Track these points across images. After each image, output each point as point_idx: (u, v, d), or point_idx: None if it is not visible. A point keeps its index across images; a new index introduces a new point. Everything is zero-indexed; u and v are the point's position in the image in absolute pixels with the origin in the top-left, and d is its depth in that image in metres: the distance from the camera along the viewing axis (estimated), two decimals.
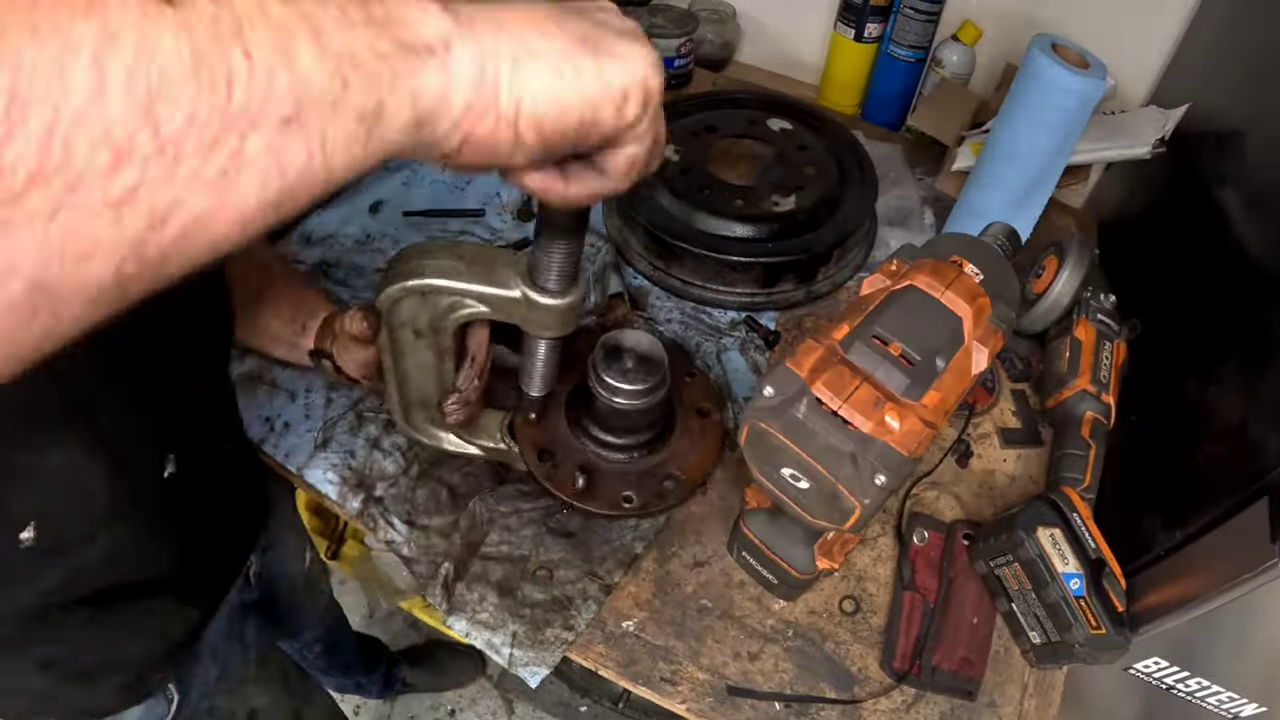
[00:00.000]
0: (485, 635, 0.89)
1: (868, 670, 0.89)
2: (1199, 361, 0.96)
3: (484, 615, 0.90)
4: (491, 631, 0.89)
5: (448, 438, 1.00)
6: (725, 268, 1.17)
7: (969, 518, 1.01)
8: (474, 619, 0.90)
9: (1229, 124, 1.10)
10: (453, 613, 0.91)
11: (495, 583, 0.92)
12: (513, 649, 0.88)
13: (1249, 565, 0.69)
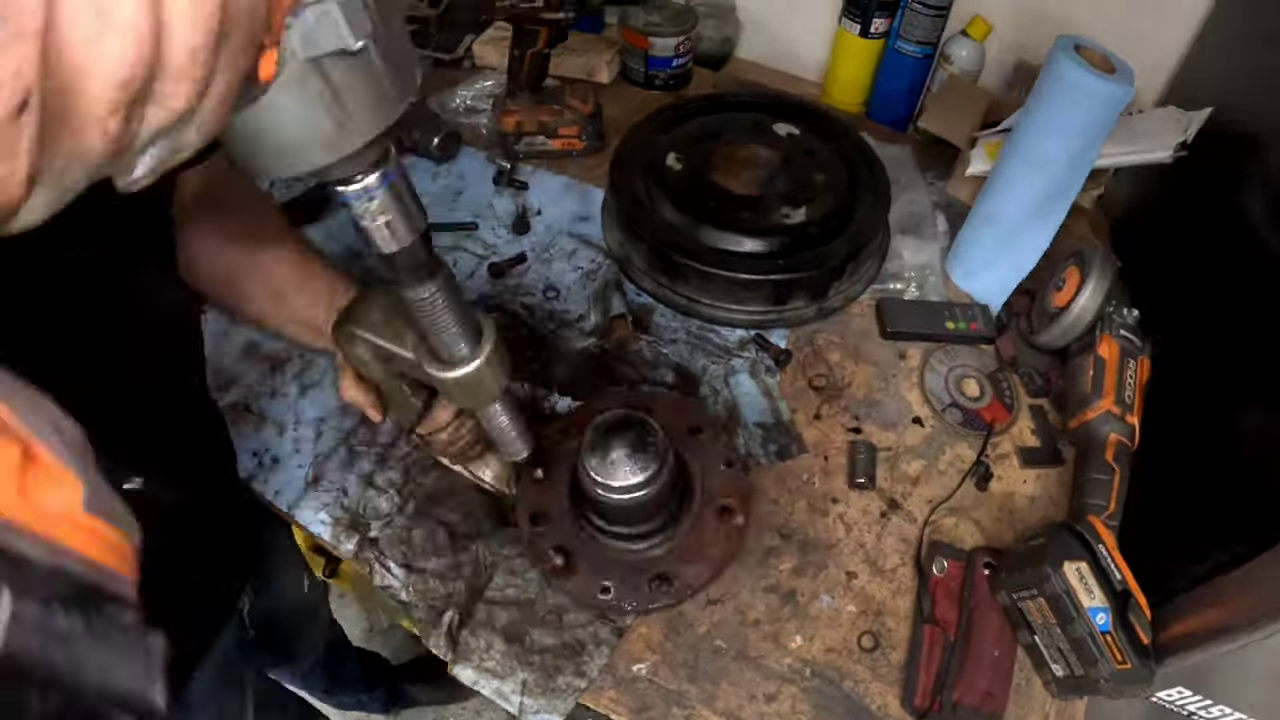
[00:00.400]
0: (494, 684, 0.87)
1: (888, 709, 0.87)
2: (1226, 378, 0.94)
3: (491, 663, 0.87)
4: (500, 680, 0.87)
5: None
6: (734, 285, 1.13)
7: (989, 543, 0.98)
8: (481, 667, 0.87)
9: (1248, 126, 1.07)
10: (458, 661, 0.88)
11: (501, 629, 0.89)
12: (523, 697, 0.86)
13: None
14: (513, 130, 1.39)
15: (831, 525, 0.98)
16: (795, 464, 1.03)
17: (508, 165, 1.40)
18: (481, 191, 1.37)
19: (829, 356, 1.15)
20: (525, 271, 1.25)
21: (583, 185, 1.39)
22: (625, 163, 1.24)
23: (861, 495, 1.01)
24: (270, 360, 1.12)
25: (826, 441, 1.05)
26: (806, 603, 0.93)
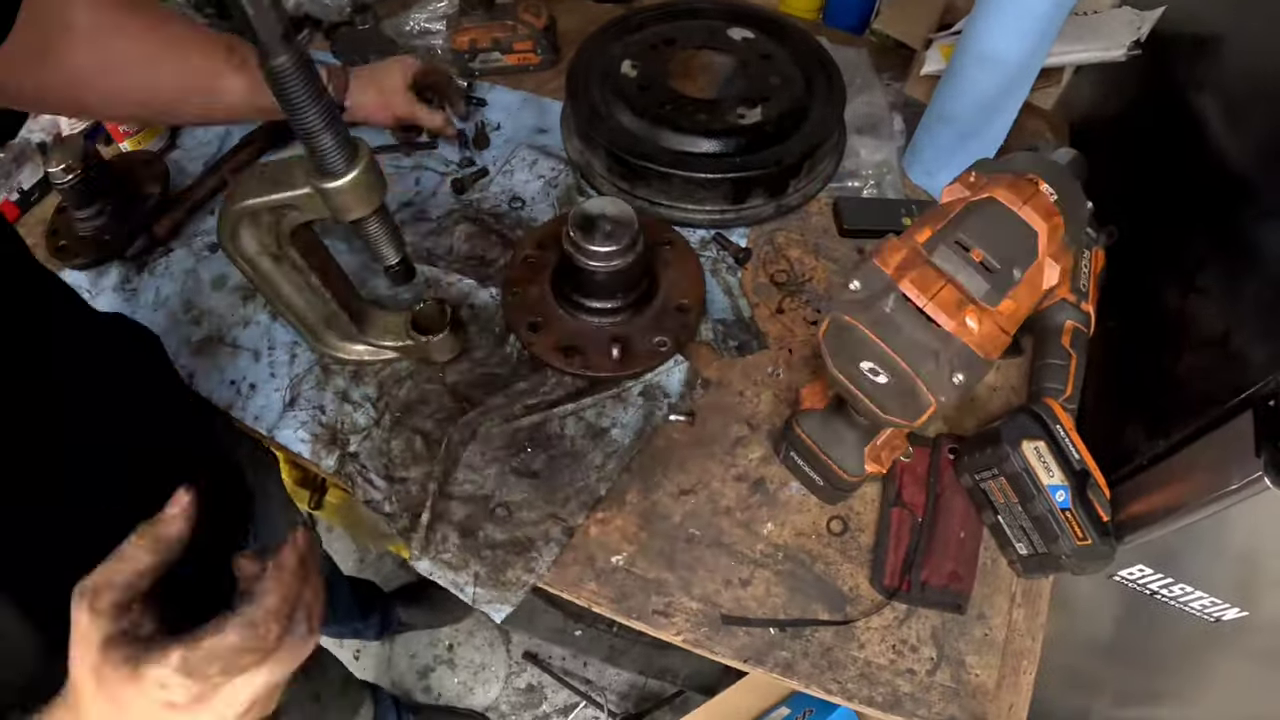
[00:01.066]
0: (449, 575, 0.89)
1: (859, 589, 0.90)
2: (1179, 270, 0.95)
3: (447, 555, 0.90)
4: (455, 571, 0.89)
5: (359, 349, 1.03)
6: (692, 185, 1.13)
7: (952, 431, 1.00)
8: (437, 558, 0.90)
9: (1206, 27, 1.07)
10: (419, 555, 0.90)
11: (458, 523, 0.92)
12: (475, 588, 0.88)
13: (1234, 477, 0.69)
14: (467, 49, 1.37)
15: None
16: (760, 357, 1.05)
17: (464, 83, 1.39)
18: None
19: (789, 253, 1.16)
20: (489, 185, 1.25)
21: (540, 98, 1.39)
22: (581, 72, 1.23)
23: None
24: (241, 291, 1.12)
25: (789, 335, 1.07)
26: (776, 490, 0.95)
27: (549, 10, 1.42)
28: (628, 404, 1.00)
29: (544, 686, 2.08)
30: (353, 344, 1.03)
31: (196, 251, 1.15)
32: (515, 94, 1.39)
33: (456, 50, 1.38)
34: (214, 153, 1.30)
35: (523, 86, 1.41)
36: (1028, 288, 0.63)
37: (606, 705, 2.02)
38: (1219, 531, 0.77)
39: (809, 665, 0.86)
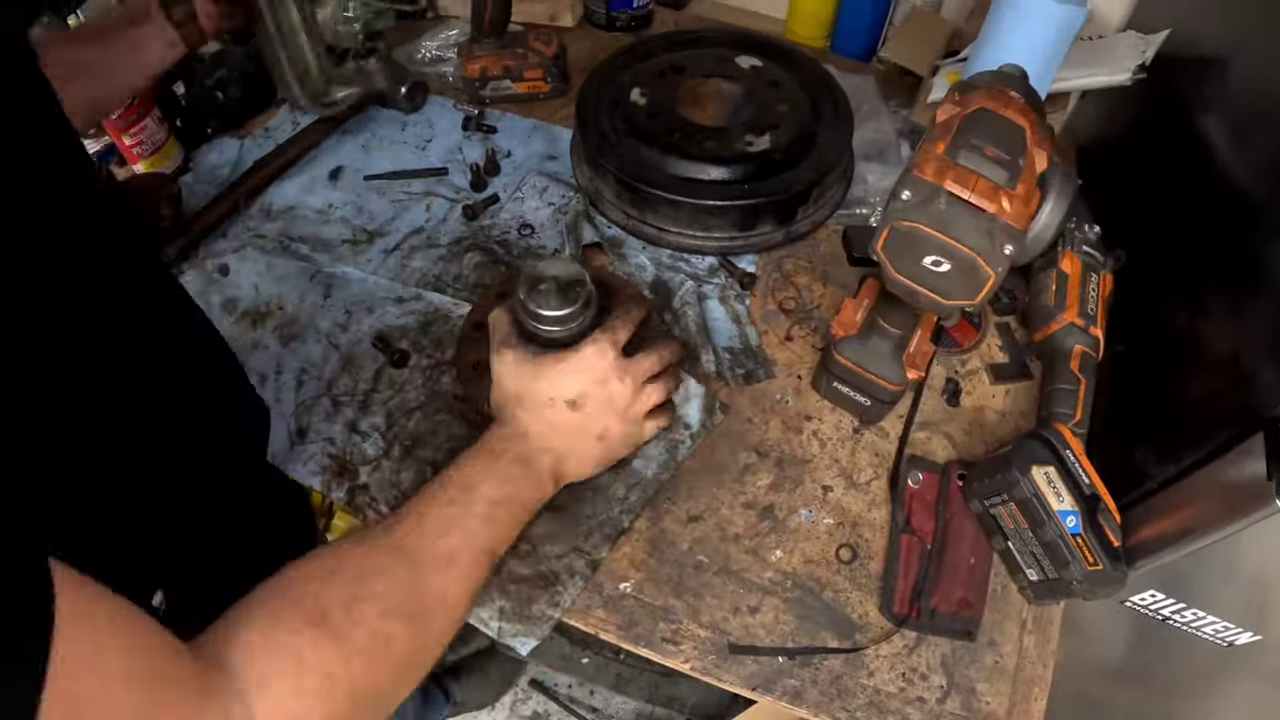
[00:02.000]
0: (473, 610, 0.88)
1: (868, 617, 0.89)
2: (1187, 292, 0.95)
3: None
4: (479, 606, 0.88)
5: (345, 92, 1.23)
6: (701, 212, 1.14)
7: (962, 457, 1.00)
8: None
9: (1210, 49, 1.08)
10: None
11: None
12: (500, 622, 0.88)
13: (1246, 501, 0.69)
14: (478, 76, 1.39)
15: (806, 442, 1.01)
16: (769, 384, 1.05)
17: (475, 111, 1.40)
18: (451, 138, 1.37)
19: (797, 280, 1.16)
20: (499, 211, 1.25)
21: (550, 126, 1.39)
22: (591, 100, 1.24)
23: (834, 412, 1.03)
24: (250, 315, 1.12)
25: (798, 362, 1.07)
26: (784, 517, 0.95)
27: (559, 39, 1.43)
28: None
29: (550, 714, 2.07)
30: (339, 90, 1.21)
31: (208, 274, 1.16)
32: (525, 121, 1.40)
33: (468, 78, 1.39)
34: (227, 176, 1.31)
35: (533, 114, 1.42)
36: (1028, 172, 0.73)
37: None
38: (1231, 555, 0.76)
39: (818, 693, 0.85)
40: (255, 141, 1.37)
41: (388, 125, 1.40)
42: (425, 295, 1.13)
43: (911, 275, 0.77)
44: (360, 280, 1.15)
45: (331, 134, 1.36)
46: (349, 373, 1.06)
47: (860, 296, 0.98)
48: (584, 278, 0.88)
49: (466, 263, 1.17)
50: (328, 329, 1.10)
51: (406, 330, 1.09)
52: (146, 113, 1.22)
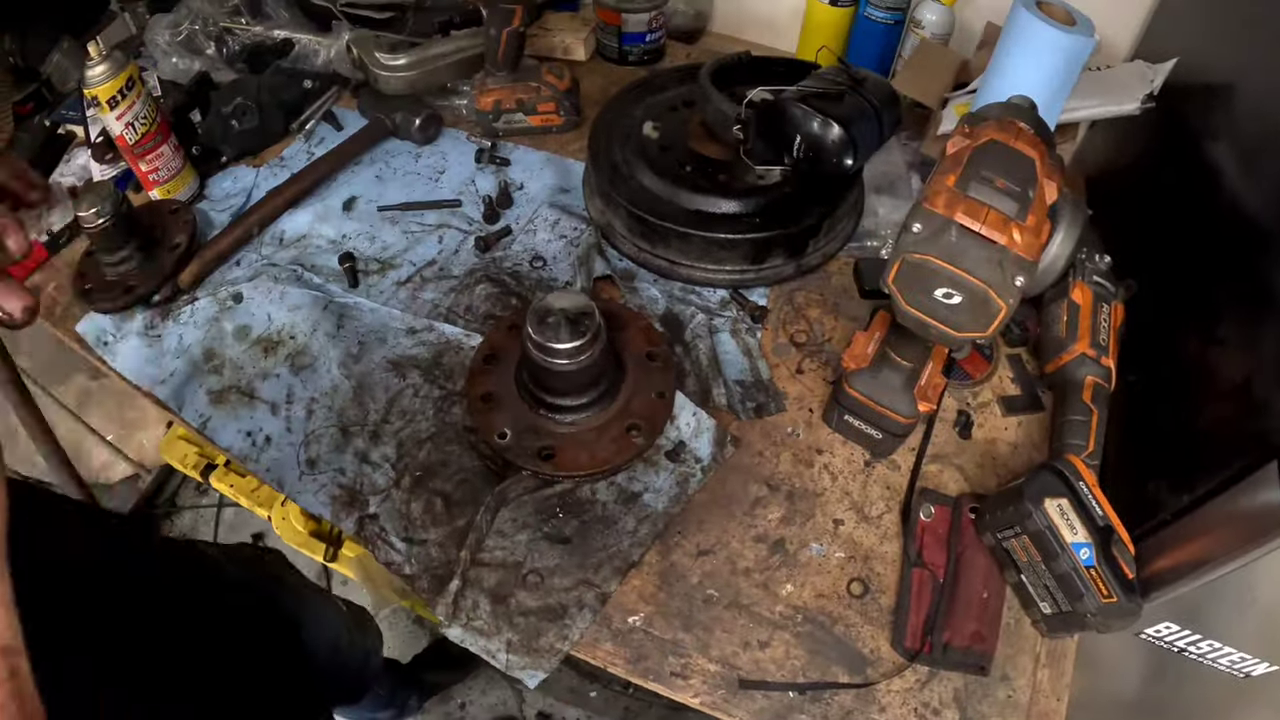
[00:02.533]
0: (480, 641, 0.88)
1: (880, 651, 0.89)
2: (1198, 321, 0.95)
3: (478, 622, 0.89)
4: (486, 638, 0.88)
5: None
6: (712, 245, 1.14)
7: (974, 490, 0.99)
8: (469, 626, 0.89)
9: (1217, 76, 1.08)
10: (448, 621, 0.89)
11: (489, 589, 0.91)
12: (508, 655, 0.87)
13: (1260, 530, 0.68)
14: (491, 109, 1.40)
15: (817, 475, 1.00)
16: (780, 417, 1.05)
17: (488, 143, 1.41)
18: (464, 170, 1.38)
19: (808, 313, 1.16)
20: (511, 243, 1.26)
21: (562, 159, 1.41)
22: (603, 133, 1.25)
23: (845, 445, 1.03)
24: (263, 343, 1.13)
25: (809, 395, 1.07)
26: (795, 551, 0.94)
27: (572, 72, 1.45)
28: (659, 468, 1.00)
29: None
30: None
31: (221, 301, 1.17)
32: (538, 154, 1.42)
33: (481, 111, 1.40)
34: (241, 204, 1.32)
35: (545, 147, 1.43)
36: (1039, 203, 0.74)
37: None
38: (1246, 585, 0.76)
39: None
40: (270, 170, 1.38)
41: (401, 156, 1.41)
42: (437, 326, 1.13)
43: (923, 308, 0.78)
44: (372, 311, 1.16)
45: (346, 164, 1.37)
46: (359, 403, 1.06)
47: (871, 329, 0.98)
48: (593, 310, 0.88)
49: (478, 294, 1.18)
50: (339, 358, 1.10)
51: (418, 361, 1.10)
52: (163, 140, 1.24)
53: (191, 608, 0.90)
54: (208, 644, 0.87)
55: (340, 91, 1.52)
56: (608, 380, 0.97)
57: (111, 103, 1.15)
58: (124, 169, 1.32)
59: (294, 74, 1.48)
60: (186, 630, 0.85)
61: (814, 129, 1.06)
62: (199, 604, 0.92)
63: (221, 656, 0.88)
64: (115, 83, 1.14)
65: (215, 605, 0.95)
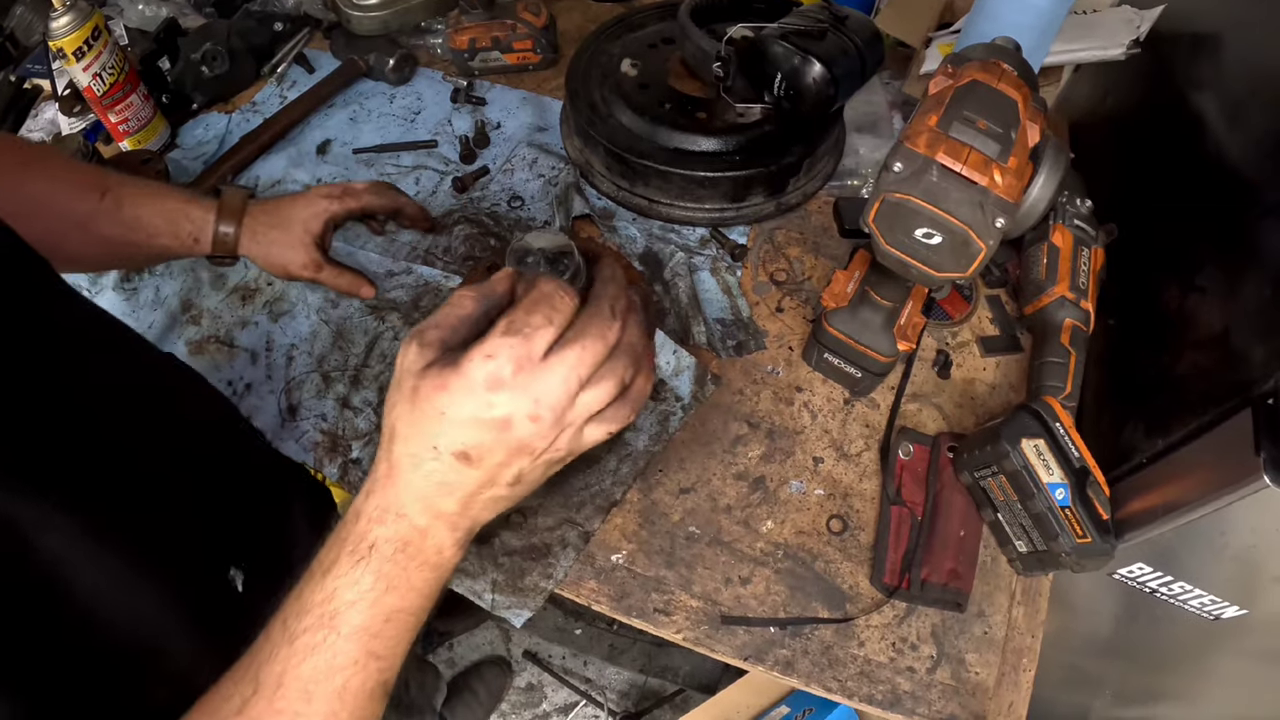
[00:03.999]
0: (466, 582, 0.89)
1: (859, 587, 0.90)
2: (1179, 268, 0.95)
3: (464, 563, 0.89)
4: (472, 579, 0.89)
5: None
6: (691, 184, 1.13)
7: (952, 429, 1.00)
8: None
9: (1205, 25, 1.07)
10: None
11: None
12: (494, 594, 0.88)
13: (1232, 476, 0.69)
14: (466, 47, 1.37)
15: (797, 413, 1.01)
16: (760, 356, 1.06)
17: (464, 83, 1.39)
18: (440, 110, 1.36)
19: (789, 252, 1.16)
20: (489, 183, 1.25)
21: (539, 97, 1.39)
22: (581, 71, 1.24)
23: (825, 384, 1.03)
24: (240, 291, 1.12)
25: (789, 333, 1.08)
26: (775, 488, 0.95)
27: (549, 9, 1.42)
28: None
29: (544, 685, 2.08)
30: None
31: None
32: (515, 93, 1.39)
33: (456, 49, 1.38)
34: (214, 152, 1.30)
35: (522, 85, 1.41)
36: (1020, 145, 0.74)
37: (606, 704, 2.03)
38: (1218, 529, 0.77)
39: (809, 663, 0.86)
40: (242, 116, 1.36)
41: (376, 98, 1.39)
42: (415, 269, 1.12)
43: (903, 247, 0.77)
44: (349, 255, 1.15)
45: (319, 108, 1.35)
46: (340, 348, 1.06)
47: (851, 268, 0.98)
48: (572, 249, 0.87)
49: (456, 235, 1.17)
50: (318, 304, 1.09)
51: (397, 304, 1.09)
52: (132, 89, 1.21)
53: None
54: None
55: (312, 33, 1.48)
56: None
57: (77, 54, 1.12)
58: (93, 121, 1.29)
59: (264, 17, 1.44)
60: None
61: (795, 67, 1.04)
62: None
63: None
64: (80, 33, 1.11)
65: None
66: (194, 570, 0.70)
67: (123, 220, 0.87)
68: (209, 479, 0.77)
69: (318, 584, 0.54)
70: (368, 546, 0.55)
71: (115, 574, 0.59)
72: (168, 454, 0.71)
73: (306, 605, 0.54)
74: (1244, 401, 0.70)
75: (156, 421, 0.73)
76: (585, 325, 0.54)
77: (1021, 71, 0.78)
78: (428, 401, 0.52)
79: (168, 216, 0.90)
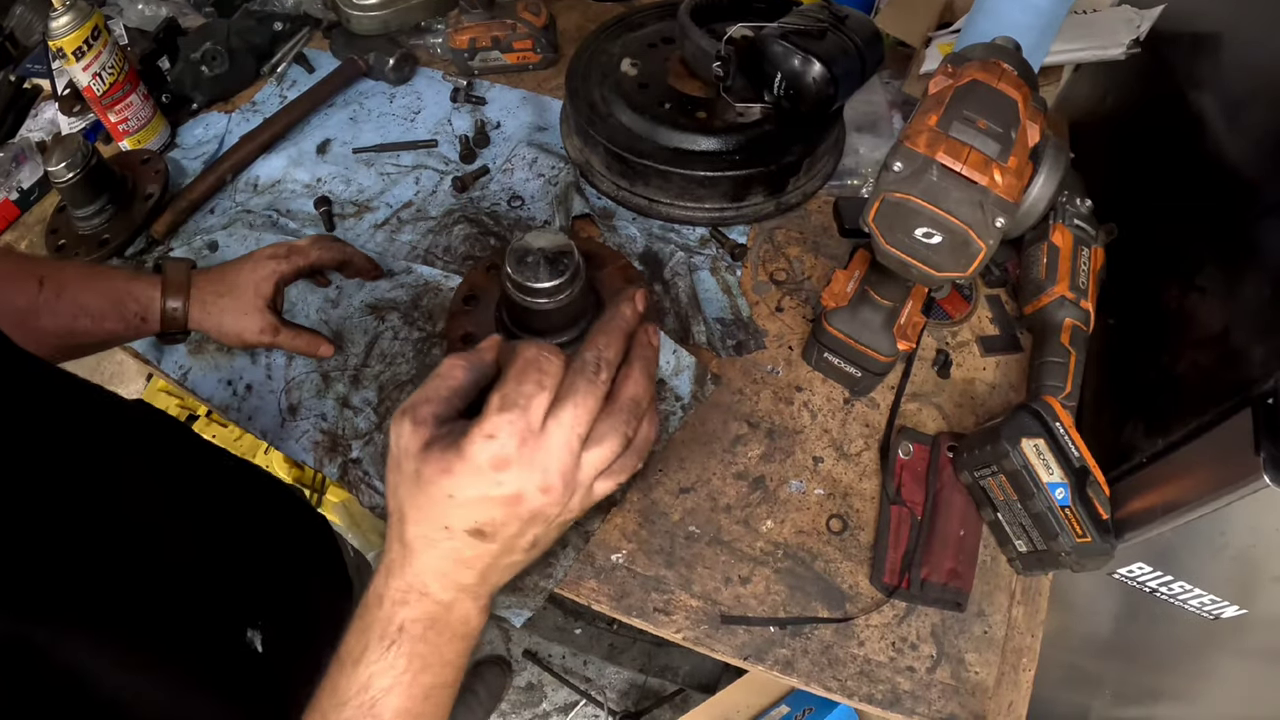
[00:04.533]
0: None
1: (858, 587, 0.90)
2: (1179, 268, 0.95)
3: None
4: None
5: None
6: (691, 183, 1.13)
7: (952, 429, 1.00)
8: None
9: (1205, 25, 1.07)
10: None
11: None
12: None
13: (1232, 476, 0.69)
14: (466, 47, 1.37)
15: (797, 413, 1.01)
16: (760, 355, 1.06)
17: (464, 82, 1.39)
18: (440, 110, 1.36)
19: (788, 251, 1.16)
20: (489, 183, 1.25)
21: (539, 96, 1.39)
22: (580, 70, 1.24)
23: (825, 383, 1.03)
24: None
25: (789, 333, 1.07)
26: (775, 488, 0.95)
27: (548, 9, 1.42)
28: None
29: (544, 684, 2.08)
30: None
31: (196, 250, 1.15)
32: (515, 92, 1.39)
33: (456, 49, 1.38)
34: (214, 151, 1.30)
35: (522, 85, 1.41)
36: (1020, 145, 0.74)
37: (606, 703, 2.03)
38: (1218, 529, 0.77)
39: (809, 663, 0.86)
40: (242, 115, 1.36)
41: (376, 98, 1.39)
42: (415, 268, 1.12)
43: (903, 247, 0.77)
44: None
45: (319, 107, 1.35)
46: (339, 348, 1.06)
47: (851, 268, 0.98)
48: (571, 249, 0.88)
49: (456, 235, 1.17)
50: (317, 304, 1.09)
51: (397, 303, 1.09)
52: (132, 89, 1.21)
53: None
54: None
55: (312, 32, 1.48)
56: (587, 320, 0.96)
57: (77, 54, 1.12)
58: (93, 121, 1.29)
59: (264, 16, 1.44)
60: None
61: (795, 66, 1.05)
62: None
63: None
64: (80, 33, 1.11)
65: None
66: (213, 641, 0.70)
67: (63, 310, 0.85)
68: (224, 537, 0.77)
69: (350, 674, 0.54)
70: (396, 629, 0.55)
71: (137, 669, 0.59)
72: (188, 523, 0.71)
73: (343, 697, 0.54)
74: (1244, 401, 0.70)
75: (174, 494, 0.72)
76: (573, 381, 0.54)
77: (1021, 71, 0.77)
78: (433, 485, 0.52)
79: (111, 298, 0.89)
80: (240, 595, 0.76)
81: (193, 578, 0.70)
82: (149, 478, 0.72)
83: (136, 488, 0.69)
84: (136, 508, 0.67)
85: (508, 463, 0.51)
